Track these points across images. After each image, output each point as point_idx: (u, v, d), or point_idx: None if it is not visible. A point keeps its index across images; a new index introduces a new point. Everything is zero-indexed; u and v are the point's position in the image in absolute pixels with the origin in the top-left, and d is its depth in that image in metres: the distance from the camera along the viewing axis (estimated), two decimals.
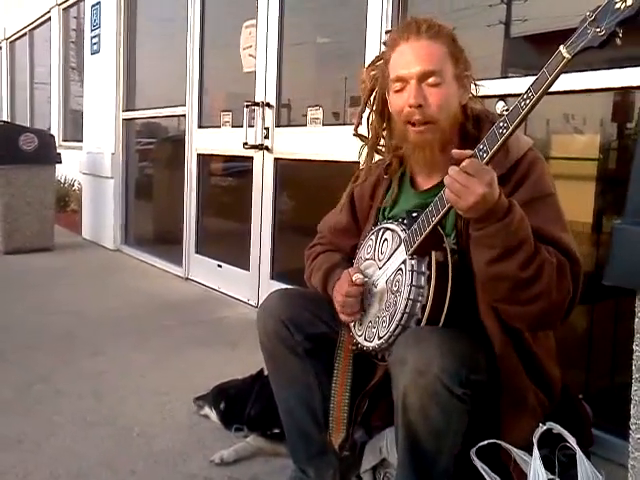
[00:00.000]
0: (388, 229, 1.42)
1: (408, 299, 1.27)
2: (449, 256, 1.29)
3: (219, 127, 3.89)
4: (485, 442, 1.08)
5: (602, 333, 1.98)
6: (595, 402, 1.56)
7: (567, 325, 1.28)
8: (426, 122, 1.34)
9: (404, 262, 1.32)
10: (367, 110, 1.53)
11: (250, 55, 3.59)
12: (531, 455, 1.03)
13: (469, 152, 1.16)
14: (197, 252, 4.19)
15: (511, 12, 2.33)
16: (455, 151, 1.17)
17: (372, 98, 1.51)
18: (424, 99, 1.33)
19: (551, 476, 1.02)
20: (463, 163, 1.13)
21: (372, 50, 2.67)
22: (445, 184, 1.16)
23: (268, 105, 3.39)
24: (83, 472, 1.78)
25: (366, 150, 1.57)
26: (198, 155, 4.16)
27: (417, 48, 1.35)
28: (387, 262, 1.39)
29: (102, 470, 1.79)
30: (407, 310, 1.27)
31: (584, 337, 2.02)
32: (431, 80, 1.33)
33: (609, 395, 1.86)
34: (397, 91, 1.38)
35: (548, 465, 1.05)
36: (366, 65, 1.55)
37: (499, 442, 1.08)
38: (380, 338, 1.33)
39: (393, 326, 1.29)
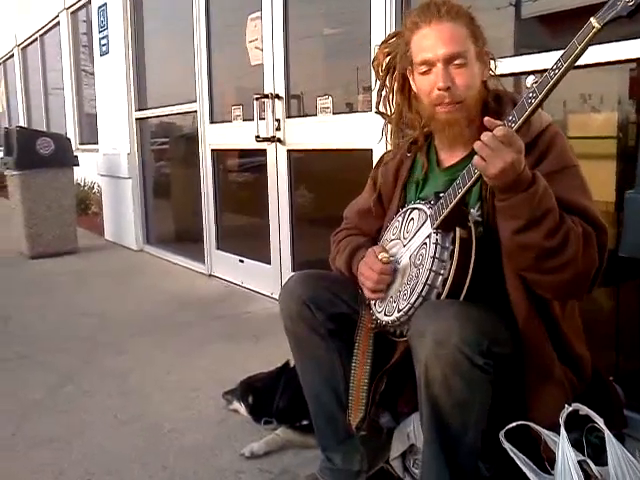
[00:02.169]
0: (415, 209, 1.43)
1: (430, 270, 1.27)
2: (473, 234, 1.30)
3: (230, 122, 3.90)
4: (514, 424, 1.07)
5: (629, 313, 1.95)
6: (628, 384, 1.54)
7: (594, 306, 1.28)
8: (454, 103, 1.36)
9: (429, 236, 1.33)
10: (384, 88, 1.56)
11: (257, 48, 3.58)
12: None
13: (499, 122, 1.17)
14: (218, 248, 4.21)
15: None
16: (487, 119, 1.18)
17: (393, 78, 1.53)
18: (451, 81, 1.35)
19: (582, 457, 1.01)
20: (496, 129, 1.15)
21: (377, 39, 2.63)
22: (475, 149, 1.18)
23: (277, 97, 3.38)
24: (116, 469, 1.81)
25: (390, 128, 1.59)
26: (212, 151, 4.17)
27: (440, 31, 1.36)
28: (412, 239, 1.40)
29: (134, 466, 1.82)
30: (429, 282, 1.27)
31: (611, 318, 1.99)
32: (457, 62, 1.35)
33: None
34: (423, 73, 1.40)
35: (579, 448, 1.04)
36: (380, 42, 1.58)
37: (528, 423, 1.07)
38: (400, 311, 1.33)
39: (414, 298, 1.30)
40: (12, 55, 10.42)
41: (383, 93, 1.57)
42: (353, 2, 3.06)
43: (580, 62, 1.10)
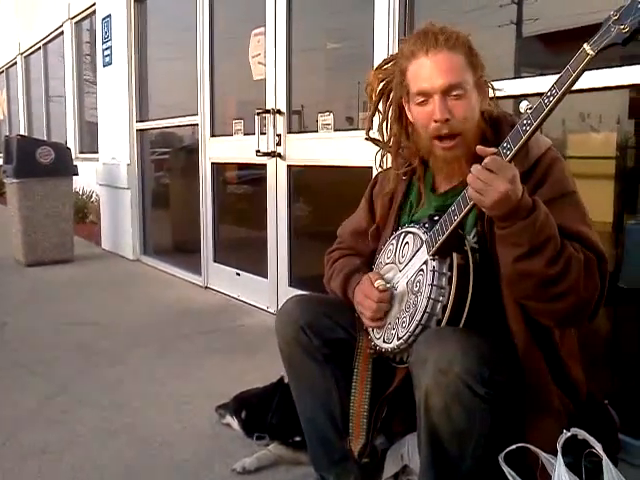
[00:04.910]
0: (409, 232, 1.42)
1: (429, 298, 1.27)
2: (470, 259, 1.29)
3: (231, 135, 3.91)
4: (514, 446, 1.06)
5: (626, 336, 1.95)
6: (622, 408, 1.53)
7: (590, 329, 1.27)
8: (453, 135, 1.34)
9: (425, 262, 1.32)
10: (377, 114, 1.54)
11: (259, 63, 3.60)
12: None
13: (492, 150, 1.16)
14: (215, 261, 4.20)
15: (522, 12, 2.32)
16: (479, 147, 1.18)
17: (385, 103, 1.52)
18: (449, 112, 1.33)
19: None
20: (485, 160, 1.14)
21: (380, 54, 2.66)
22: (468, 182, 1.17)
23: (279, 112, 3.39)
24: None
25: (381, 154, 1.59)
26: (212, 164, 4.18)
27: (437, 61, 1.33)
28: (408, 264, 1.39)
29: None
30: (428, 309, 1.27)
31: (608, 341, 1.99)
32: (455, 93, 1.32)
33: (637, 400, 1.83)
34: (420, 104, 1.37)
35: (574, 472, 1.04)
36: (375, 68, 1.56)
37: (527, 445, 1.07)
38: (399, 339, 1.33)
39: (413, 326, 1.29)
40: (15, 63, 10.48)
41: (376, 119, 1.55)
42: (356, 18, 3.08)
43: (578, 86, 1.10)
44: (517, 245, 1.18)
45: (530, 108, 1.13)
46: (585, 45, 1.05)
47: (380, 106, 1.55)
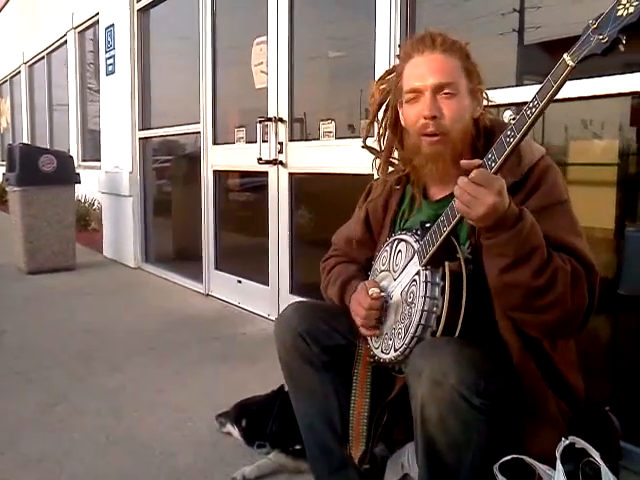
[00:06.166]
0: (402, 240, 1.41)
1: (422, 310, 1.26)
2: (463, 266, 1.28)
3: (233, 143, 3.92)
4: (508, 457, 1.05)
5: (627, 342, 1.94)
6: (624, 415, 1.52)
7: (591, 335, 1.26)
8: (439, 134, 1.34)
9: (418, 273, 1.31)
10: (376, 123, 1.55)
11: (262, 71, 3.61)
12: (555, 469, 1.00)
13: (477, 162, 1.16)
14: (217, 268, 4.20)
15: (524, 20, 2.32)
16: (463, 162, 1.17)
17: (383, 111, 1.52)
18: (438, 110, 1.33)
19: None
20: (471, 174, 1.13)
21: (381, 62, 2.67)
22: (455, 195, 1.16)
23: (281, 120, 3.40)
24: None
25: (378, 162, 1.58)
26: (214, 172, 4.18)
27: (432, 61, 1.35)
28: (402, 273, 1.39)
29: None
30: (422, 322, 1.26)
31: (609, 347, 1.98)
32: (446, 91, 1.33)
33: (639, 407, 1.81)
34: (410, 102, 1.38)
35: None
36: (377, 79, 1.56)
37: (522, 457, 1.06)
38: (396, 350, 1.32)
39: (408, 338, 1.28)
40: (19, 72, 10.54)
41: (375, 129, 1.55)
42: (358, 26, 3.09)
43: (580, 94, 1.08)
44: (503, 255, 1.17)
45: (513, 119, 1.11)
46: (565, 55, 1.03)
47: (380, 115, 1.55)
